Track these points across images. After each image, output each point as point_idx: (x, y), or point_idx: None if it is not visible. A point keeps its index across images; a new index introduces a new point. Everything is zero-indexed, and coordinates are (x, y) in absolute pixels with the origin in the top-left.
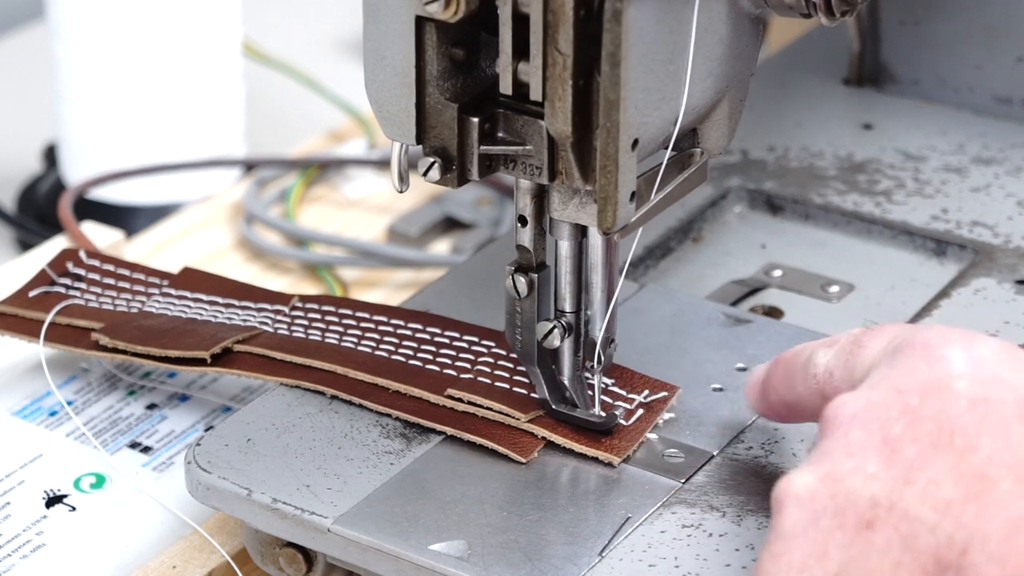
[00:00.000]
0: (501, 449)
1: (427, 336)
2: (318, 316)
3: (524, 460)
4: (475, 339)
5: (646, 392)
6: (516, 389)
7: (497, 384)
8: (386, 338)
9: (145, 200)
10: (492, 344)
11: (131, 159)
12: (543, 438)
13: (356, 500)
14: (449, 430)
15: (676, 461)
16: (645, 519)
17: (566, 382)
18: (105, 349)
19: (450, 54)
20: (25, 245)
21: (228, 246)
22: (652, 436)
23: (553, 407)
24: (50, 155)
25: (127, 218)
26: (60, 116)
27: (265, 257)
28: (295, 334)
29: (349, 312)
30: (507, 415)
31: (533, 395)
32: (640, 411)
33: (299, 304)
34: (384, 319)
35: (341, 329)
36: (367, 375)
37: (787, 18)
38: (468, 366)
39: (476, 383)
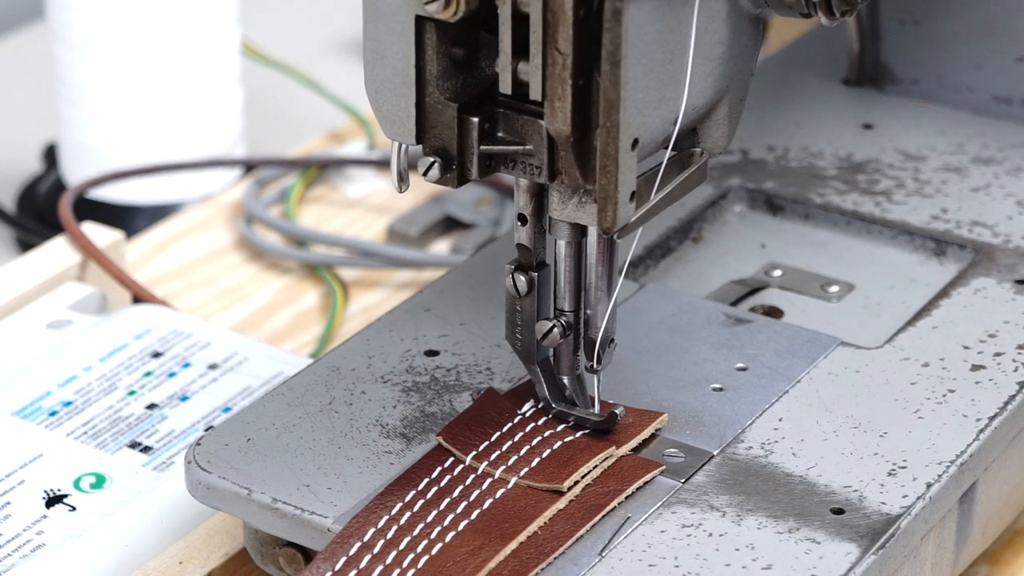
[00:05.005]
0: (649, 477)
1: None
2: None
3: (662, 466)
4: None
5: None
6: (574, 438)
7: (555, 449)
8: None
9: (145, 200)
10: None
11: (131, 159)
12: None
13: (356, 500)
14: (614, 503)
15: (676, 461)
16: (645, 519)
17: (565, 381)
18: None
19: (450, 54)
20: (25, 245)
21: (228, 246)
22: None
23: (554, 406)
24: (50, 155)
25: (127, 218)
26: (60, 116)
27: (265, 257)
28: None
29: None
30: (608, 457)
31: (576, 433)
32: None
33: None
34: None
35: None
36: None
37: (787, 18)
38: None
39: (552, 460)
